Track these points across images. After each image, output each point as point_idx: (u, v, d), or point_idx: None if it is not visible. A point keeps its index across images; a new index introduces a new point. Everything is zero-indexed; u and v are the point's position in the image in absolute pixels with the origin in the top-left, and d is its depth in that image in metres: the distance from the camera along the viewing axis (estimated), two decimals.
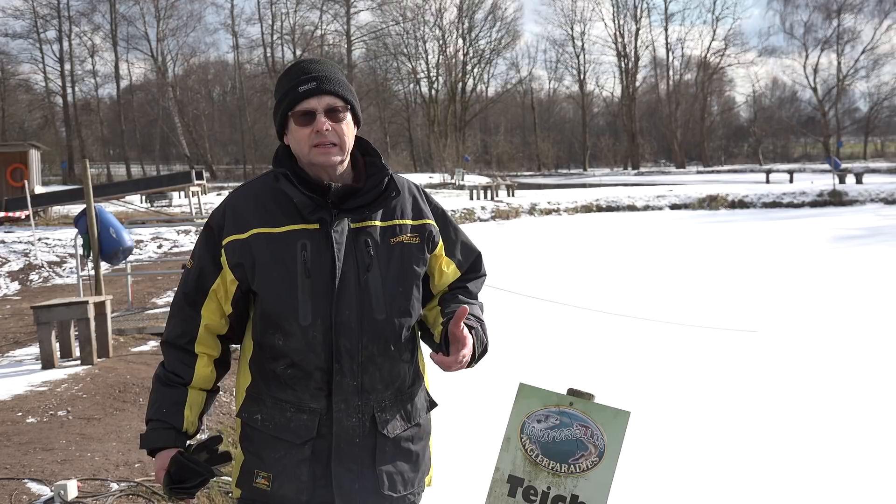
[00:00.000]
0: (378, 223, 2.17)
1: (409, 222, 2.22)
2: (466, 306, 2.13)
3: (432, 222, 2.26)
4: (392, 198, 2.19)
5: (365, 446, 2.14)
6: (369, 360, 2.12)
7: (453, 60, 71.49)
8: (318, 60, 2.23)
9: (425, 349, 2.32)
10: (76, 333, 7.70)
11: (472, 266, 2.39)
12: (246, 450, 2.20)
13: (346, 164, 2.20)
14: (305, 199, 2.11)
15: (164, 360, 2.26)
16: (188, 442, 2.23)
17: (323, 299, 2.09)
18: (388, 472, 2.17)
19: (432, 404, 2.34)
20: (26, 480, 4.58)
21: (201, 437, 4.56)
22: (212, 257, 2.18)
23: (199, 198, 26.77)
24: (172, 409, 2.19)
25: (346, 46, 67.78)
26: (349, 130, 2.17)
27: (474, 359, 2.17)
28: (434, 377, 2.39)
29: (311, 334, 2.09)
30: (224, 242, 2.15)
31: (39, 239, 17.33)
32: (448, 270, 2.32)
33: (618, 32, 75.05)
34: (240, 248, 2.13)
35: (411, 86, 72.49)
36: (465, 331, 2.10)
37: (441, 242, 2.29)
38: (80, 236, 9.33)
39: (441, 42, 70.94)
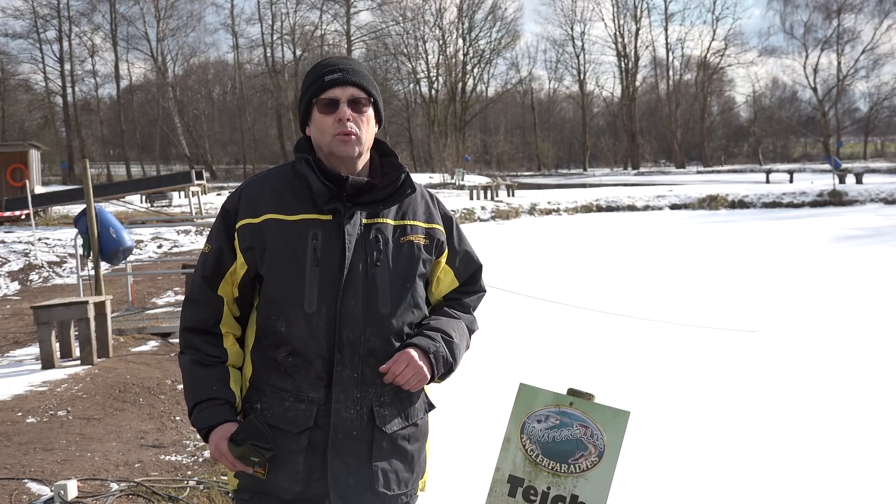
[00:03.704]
0: (390, 221, 2.21)
1: (421, 224, 2.25)
2: (408, 349, 2.14)
3: (441, 228, 2.30)
4: (407, 195, 2.23)
5: (362, 440, 2.15)
6: (371, 353, 2.14)
7: (453, 60, 71.45)
8: (347, 58, 2.29)
9: None
10: (76, 333, 7.70)
11: (470, 278, 2.40)
12: None
13: (363, 159, 2.24)
14: (323, 187, 2.14)
15: (189, 347, 2.23)
16: None
17: (329, 288, 2.11)
18: (384, 469, 2.18)
19: (430, 406, 2.35)
20: (26, 480, 4.59)
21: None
22: (228, 239, 2.20)
23: (199, 198, 26.79)
24: (220, 385, 2.18)
25: (346, 46, 67.71)
26: (370, 126, 2.22)
27: (434, 377, 2.18)
28: None
29: (314, 322, 2.11)
30: (237, 226, 2.18)
31: (39, 239, 17.32)
32: (445, 279, 2.34)
33: (618, 32, 75.02)
34: (252, 232, 2.16)
35: (411, 86, 72.49)
36: (401, 354, 2.12)
37: (446, 250, 2.32)
38: (80, 236, 9.33)
39: (441, 42, 70.93)
